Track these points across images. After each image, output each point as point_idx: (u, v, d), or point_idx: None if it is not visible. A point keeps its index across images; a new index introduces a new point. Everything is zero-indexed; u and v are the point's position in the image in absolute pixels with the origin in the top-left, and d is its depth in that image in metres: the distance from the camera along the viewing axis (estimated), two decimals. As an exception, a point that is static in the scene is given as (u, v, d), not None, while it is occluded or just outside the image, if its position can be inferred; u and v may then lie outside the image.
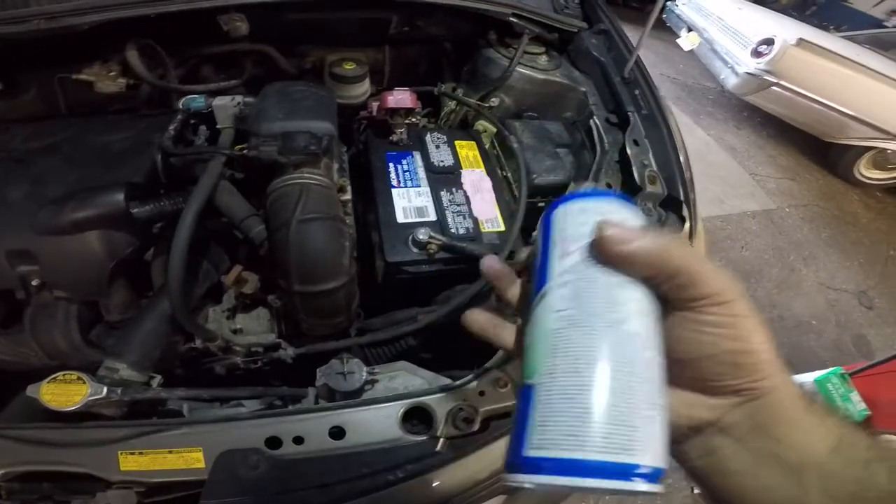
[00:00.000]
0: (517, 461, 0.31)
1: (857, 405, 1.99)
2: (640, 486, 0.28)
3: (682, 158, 1.15)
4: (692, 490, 1.95)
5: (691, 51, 4.06)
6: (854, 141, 3.54)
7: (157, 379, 0.79)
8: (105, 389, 0.70)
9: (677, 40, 2.33)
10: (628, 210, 0.36)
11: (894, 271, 3.22)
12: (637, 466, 0.28)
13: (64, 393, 0.68)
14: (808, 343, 2.63)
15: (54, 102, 1.11)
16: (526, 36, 1.24)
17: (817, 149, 3.93)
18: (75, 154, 0.88)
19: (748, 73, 3.50)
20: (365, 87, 1.20)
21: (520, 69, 1.24)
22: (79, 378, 0.69)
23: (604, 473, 0.28)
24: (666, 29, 4.50)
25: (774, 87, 3.43)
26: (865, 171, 3.78)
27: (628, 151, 1.14)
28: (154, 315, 0.81)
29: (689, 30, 3.79)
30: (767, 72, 3.40)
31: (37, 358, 0.81)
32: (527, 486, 0.30)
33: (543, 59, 1.29)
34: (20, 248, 0.76)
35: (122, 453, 0.69)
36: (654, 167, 1.16)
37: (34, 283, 0.78)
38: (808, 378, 2.13)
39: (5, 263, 0.76)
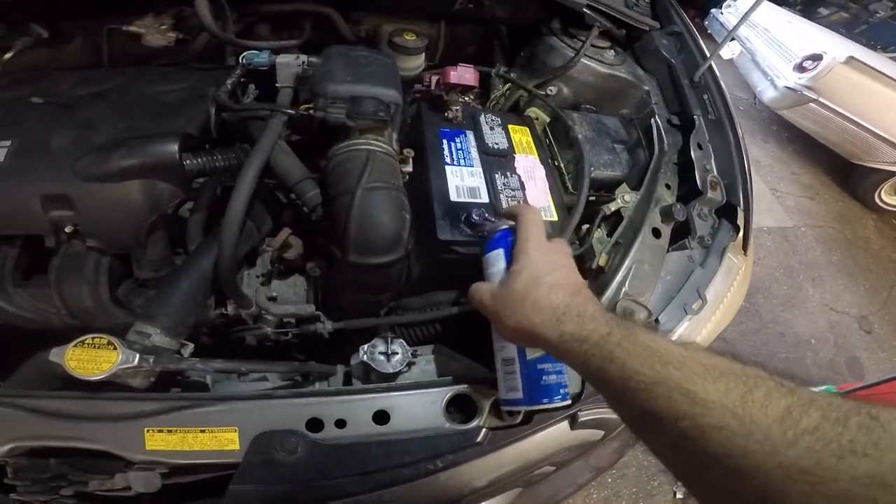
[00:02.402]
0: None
1: None
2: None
3: (746, 167, 1.07)
4: (674, 495, 1.96)
5: (730, 60, 3.93)
6: (882, 165, 3.41)
7: (189, 347, 0.72)
8: (137, 357, 0.61)
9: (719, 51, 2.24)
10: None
11: (898, 300, 3.16)
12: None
13: (92, 359, 0.60)
14: (805, 360, 2.64)
15: (97, 54, 1.05)
16: (596, 28, 1.16)
17: (840, 170, 3.83)
18: (125, 102, 0.82)
19: (787, 88, 3.37)
20: (421, 60, 1.12)
21: (584, 61, 1.16)
22: (109, 343, 0.61)
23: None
24: (707, 36, 4.35)
25: (812, 104, 3.30)
26: (887, 196, 3.67)
27: (692, 154, 1.06)
28: (193, 275, 0.73)
29: (732, 39, 3.65)
30: (808, 87, 3.27)
31: (57, 316, 0.73)
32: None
33: (610, 53, 1.22)
34: (58, 192, 0.69)
35: (148, 430, 0.62)
36: (716, 173, 1.08)
37: (67, 229, 0.71)
38: None
39: (38, 207, 0.69)
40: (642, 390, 0.44)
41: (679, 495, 1.96)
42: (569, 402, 0.66)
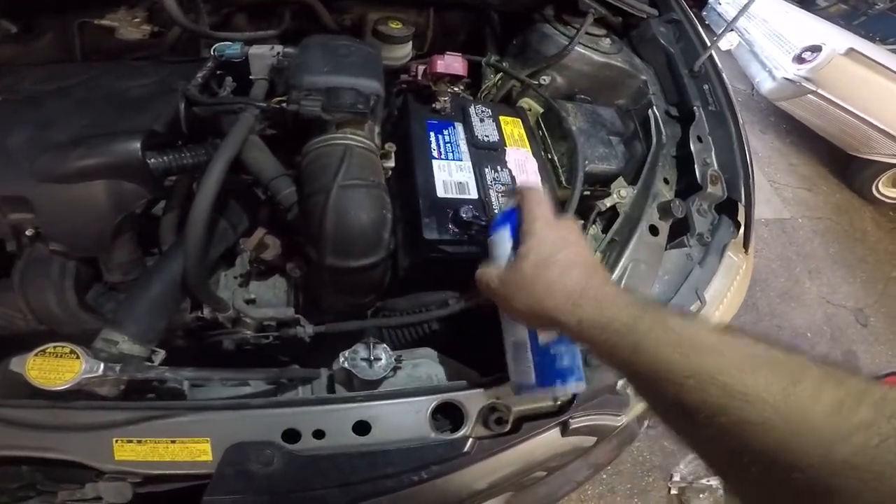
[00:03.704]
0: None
1: None
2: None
3: (748, 161, 1.02)
4: (668, 490, 1.95)
5: (727, 51, 3.86)
6: (880, 157, 3.36)
7: (161, 354, 0.67)
8: (102, 366, 0.58)
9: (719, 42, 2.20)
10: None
11: (894, 292, 3.13)
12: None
13: (54, 369, 0.56)
14: None
15: (70, 49, 1.00)
16: (591, 15, 1.11)
17: (838, 161, 3.77)
18: (89, 98, 0.77)
19: (786, 79, 3.30)
20: (408, 50, 1.08)
21: (579, 49, 1.10)
22: (72, 352, 0.57)
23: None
24: (705, 26, 4.27)
25: (810, 96, 3.24)
26: (884, 188, 3.61)
27: (692, 147, 1.01)
28: (162, 279, 0.69)
29: (731, 29, 3.58)
30: (807, 79, 3.20)
31: (24, 321, 0.69)
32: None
33: (606, 41, 1.16)
34: (15, 194, 0.65)
35: (117, 440, 0.59)
36: (716, 167, 1.03)
37: (28, 232, 0.67)
38: None
39: None
40: (673, 383, 0.40)
41: (674, 491, 1.95)
42: (583, 383, 0.62)
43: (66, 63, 0.97)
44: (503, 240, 0.64)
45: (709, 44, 1.17)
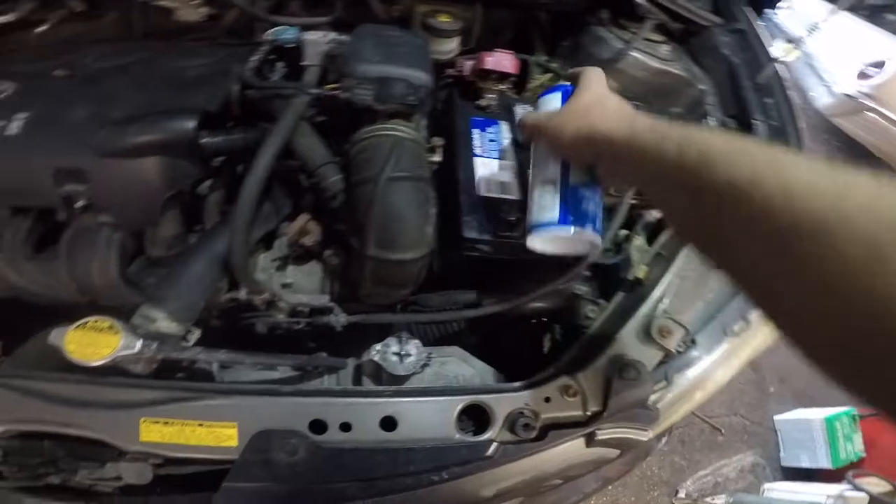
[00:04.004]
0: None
1: (856, 446, 2.03)
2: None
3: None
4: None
5: (783, 63, 3.70)
6: (935, 180, 3.18)
7: (196, 333, 0.67)
8: (139, 344, 0.58)
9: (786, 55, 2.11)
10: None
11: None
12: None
13: (92, 343, 0.56)
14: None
15: (131, 29, 1.03)
16: (650, 21, 1.07)
17: (888, 181, 3.60)
18: (147, 77, 0.79)
19: (845, 94, 3.16)
20: (455, 44, 1.06)
21: (635, 54, 1.06)
22: (111, 327, 0.57)
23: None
24: (761, 36, 4.13)
25: (869, 113, 3.10)
26: (938, 211, 3.42)
27: (748, 161, 0.96)
28: (204, 257, 0.69)
29: (789, 41, 3.43)
30: (868, 95, 3.06)
31: (66, 291, 0.70)
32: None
33: (665, 48, 1.11)
34: (73, 166, 0.66)
35: (144, 420, 0.59)
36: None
37: (79, 203, 0.68)
38: (818, 414, 2.10)
39: (50, 181, 0.67)
40: (723, 166, 0.38)
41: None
42: (600, 238, 0.64)
43: (127, 42, 0.99)
44: (553, 100, 0.67)
45: (775, 56, 1.12)
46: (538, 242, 0.69)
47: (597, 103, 0.59)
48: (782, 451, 2.19)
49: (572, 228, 0.62)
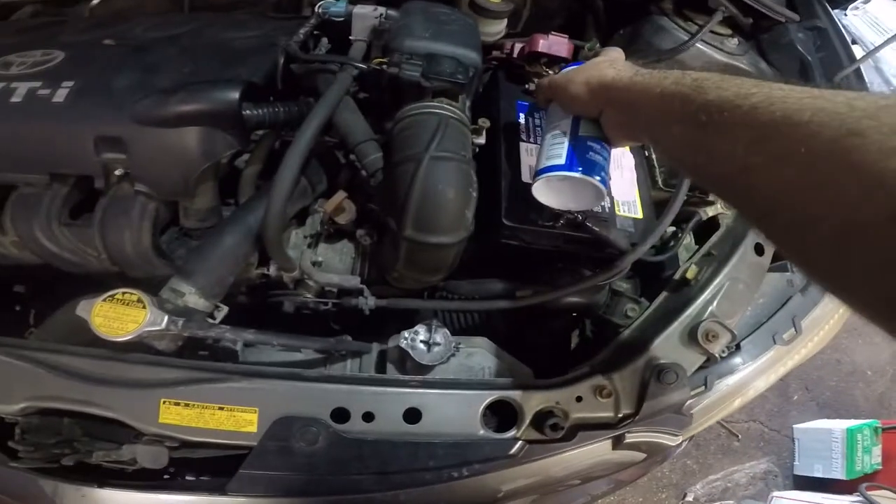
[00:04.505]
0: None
1: (874, 458, 1.94)
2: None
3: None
4: None
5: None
6: None
7: (223, 311, 0.63)
8: (166, 319, 0.54)
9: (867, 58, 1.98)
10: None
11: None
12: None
13: (119, 317, 0.53)
14: (853, 391, 2.33)
15: (180, 3, 1.00)
16: (721, 12, 0.97)
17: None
18: (194, 47, 0.75)
19: (913, 100, 2.94)
20: (503, 26, 0.99)
21: (700, 46, 0.97)
22: (139, 300, 0.54)
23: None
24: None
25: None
26: None
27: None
28: (237, 231, 0.65)
29: (854, 42, 3.20)
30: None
31: (97, 260, 0.67)
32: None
33: (733, 42, 1.01)
34: (113, 134, 0.63)
35: (164, 402, 0.55)
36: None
37: (117, 172, 0.65)
38: (840, 425, 2.00)
39: (90, 148, 0.63)
40: (739, 106, 0.38)
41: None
42: (604, 188, 0.62)
43: (176, 13, 0.96)
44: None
45: (857, 56, 1.01)
46: (543, 188, 0.64)
47: (607, 60, 0.62)
48: (796, 460, 2.08)
49: (578, 172, 0.60)
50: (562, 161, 0.61)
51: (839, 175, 0.29)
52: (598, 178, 0.61)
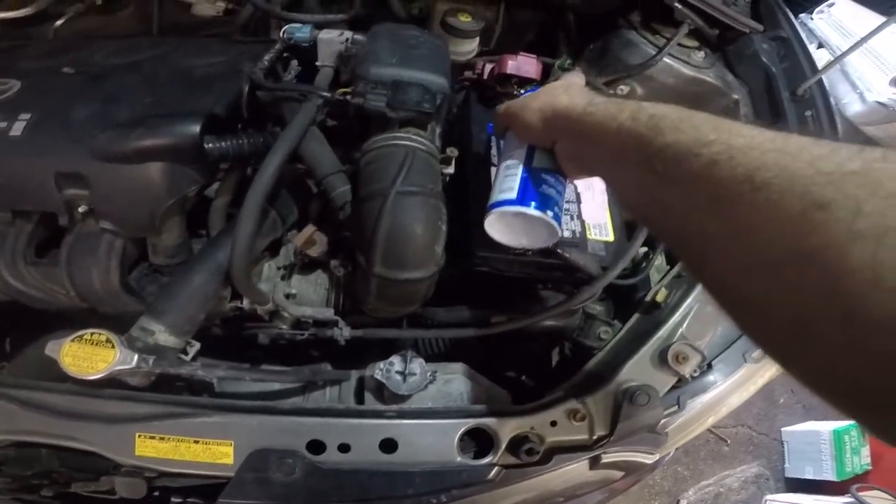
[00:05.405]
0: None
1: (863, 459, 1.99)
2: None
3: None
4: None
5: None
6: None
7: (195, 347, 0.64)
8: (135, 359, 0.56)
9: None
10: None
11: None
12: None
13: (88, 356, 0.55)
14: None
15: (148, 23, 1.00)
16: (686, 25, 0.99)
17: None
18: (156, 75, 0.75)
19: (878, 102, 3.01)
20: (475, 45, 1.00)
21: (667, 60, 0.99)
22: (108, 340, 0.55)
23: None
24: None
25: (901, 122, 2.95)
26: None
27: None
28: (206, 268, 0.65)
29: (820, 46, 3.26)
30: (901, 104, 2.91)
31: (66, 297, 0.67)
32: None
33: (699, 55, 1.03)
34: (73, 170, 0.63)
35: (140, 435, 0.57)
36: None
37: (81, 209, 0.65)
38: (827, 427, 2.04)
39: (52, 185, 0.63)
40: (694, 152, 0.36)
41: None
42: (558, 228, 0.59)
43: (139, 37, 0.96)
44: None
45: (819, 67, 1.03)
46: (494, 224, 0.62)
47: (562, 86, 0.60)
48: (787, 463, 2.13)
49: (531, 206, 0.58)
50: (513, 195, 0.59)
51: (798, 261, 0.28)
52: (550, 213, 0.59)
